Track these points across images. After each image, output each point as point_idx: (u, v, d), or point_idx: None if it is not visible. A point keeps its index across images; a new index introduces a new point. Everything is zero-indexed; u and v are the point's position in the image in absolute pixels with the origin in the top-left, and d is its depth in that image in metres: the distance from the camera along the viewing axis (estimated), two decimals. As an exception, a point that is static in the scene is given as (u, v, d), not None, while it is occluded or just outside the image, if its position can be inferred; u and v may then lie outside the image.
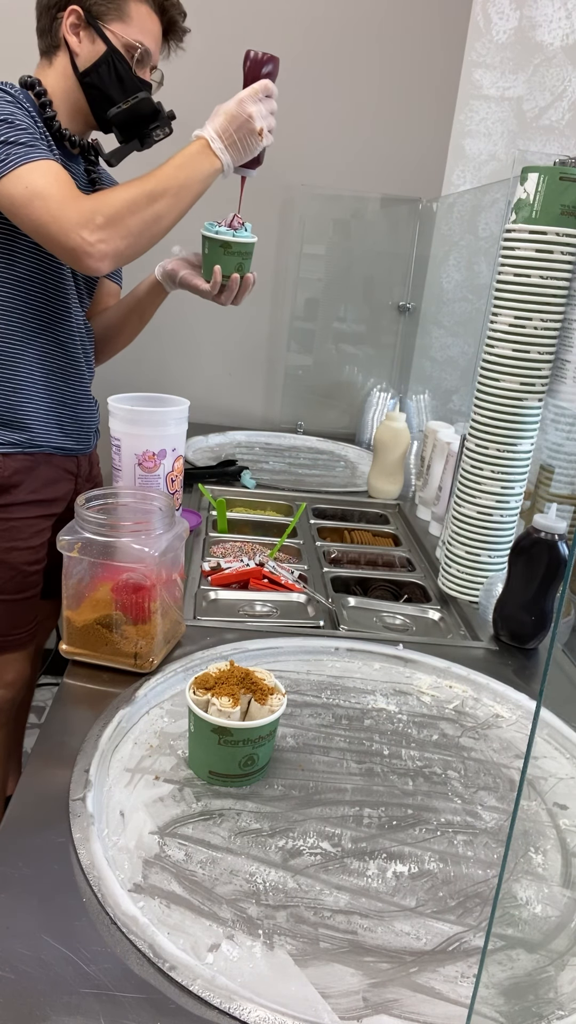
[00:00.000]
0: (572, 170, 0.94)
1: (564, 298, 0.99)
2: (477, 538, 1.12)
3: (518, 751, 0.84)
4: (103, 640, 0.87)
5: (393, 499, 1.64)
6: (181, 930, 0.57)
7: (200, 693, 0.72)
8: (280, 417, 2.22)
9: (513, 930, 0.61)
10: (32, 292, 1.19)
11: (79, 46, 1.17)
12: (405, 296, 2.14)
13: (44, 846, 0.62)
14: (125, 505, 0.94)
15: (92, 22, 1.16)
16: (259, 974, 0.54)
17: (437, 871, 0.66)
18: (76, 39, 1.17)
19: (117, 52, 1.17)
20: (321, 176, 2.02)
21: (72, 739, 0.75)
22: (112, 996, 0.51)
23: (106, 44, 1.16)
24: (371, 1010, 0.52)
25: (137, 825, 0.66)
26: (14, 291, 1.17)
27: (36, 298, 1.20)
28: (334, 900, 0.61)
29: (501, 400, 1.04)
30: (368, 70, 1.96)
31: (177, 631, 0.95)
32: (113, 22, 1.16)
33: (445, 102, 1.94)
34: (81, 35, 1.17)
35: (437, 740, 0.84)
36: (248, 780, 0.73)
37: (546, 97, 1.64)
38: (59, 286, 1.22)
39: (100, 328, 1.41)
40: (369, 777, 0.77)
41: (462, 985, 0.55)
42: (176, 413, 1.17)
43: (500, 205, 1.47)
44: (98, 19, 1.16)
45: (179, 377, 2.17)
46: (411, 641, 1.03)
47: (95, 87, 1.18)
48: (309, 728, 0.83)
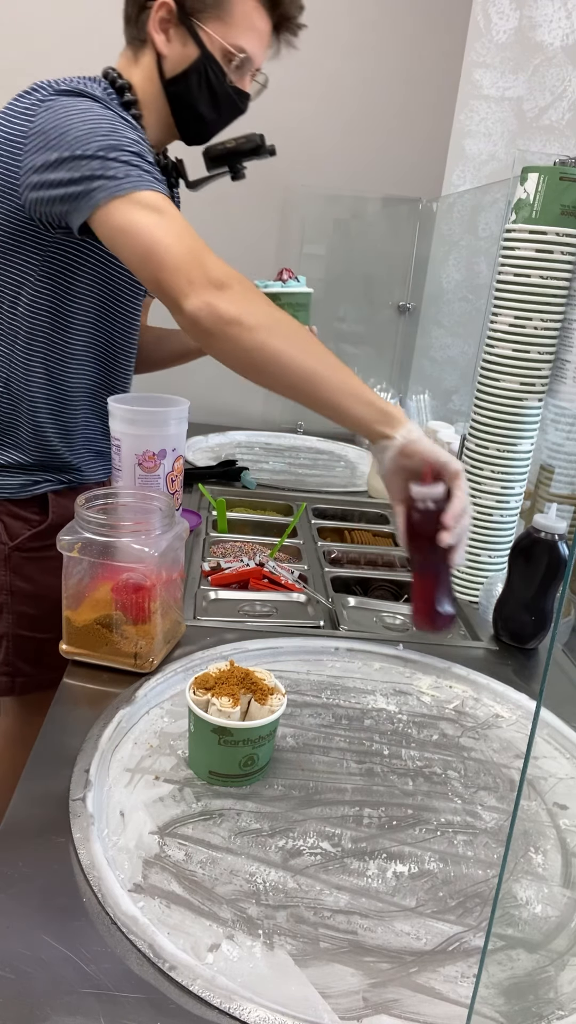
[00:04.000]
0: (572, 170, 0.94)
1: (564, 298, 0.99)
2: (477, 538, 1.12)
3: (518, 751, 0.84)
4: (103, 640, 0.87)
5: (393, 499, 1.64)
6: (181, 930, 0.57)
7: (200, 693, 0.72)
8: (280, 417, 2.22)
9: (513, 930, 0.61)
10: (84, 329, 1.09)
11: (167, 47, 0.99)
12: (405, 296, 2.14)
13: (44, 846, 0.62)
14: (125, 505, 0.94)
15: (185, 20, 0.97)
16: (259, 974, 0.54)
17: (437, 871, 0.66)
18: (164, 38, 0.99)
19: (212, 59, 0.99)
20: (321, 176, 2.02)
21: (72, 739, 0.75)
22: (112, 996, 0.51)
23: (199, 48, 0.98)
24: (371, 1010, 0.52)
25: (137, 825, 0.66)
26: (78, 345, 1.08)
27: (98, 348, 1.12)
28: (334, 900, 0.61)
29: (501, 400, 1.04)
30: (368, 70, 1.97)
31: (177, 631, 0.95)
32: (211, 21, 0.97)
33: (445, 102, 1.94)
34: (171, 33, 0.99)
35: (437, 740, 0.84)
36: (248, 780, 0.73)
37: (546, 97, 1.64)
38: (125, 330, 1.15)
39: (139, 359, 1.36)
40: (369, 777, 0.77)
41: (462, 985, 0.55)
42: (176, 413, 1.17)
43: (500, 205, 1.47)
44: (192, 16, 0.97)
45: (179, 377, 2.16)
46: (411, 641, 1.03)
47: (182, 99, 1.02)
48: (309, 728, 0.83)
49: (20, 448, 1.11)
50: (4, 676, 1.17)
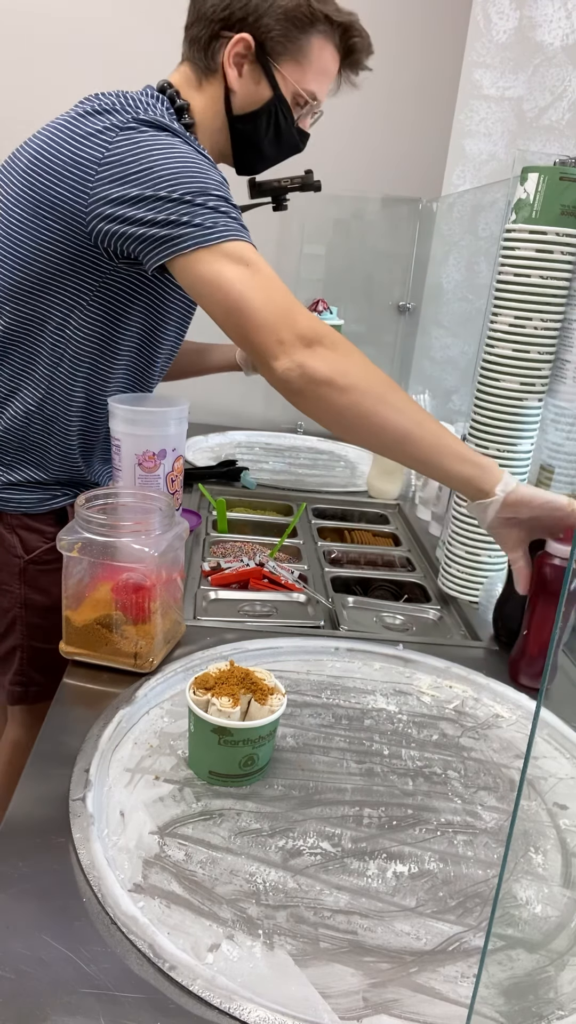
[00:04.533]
0: (572, 170, 0.94)
1: (564, 298, 0.99)
2: (477, 538, 1.12)
3: (518, 751, 0.84)
4: (103, 640, 0.87)
5: (393, 499, 1.64)
6: (181, 930, 0.57)
7: (200, 693, 0.72)
8: (280, 417, 2.22)
9: (513, 930, 0.61)
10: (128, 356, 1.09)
11: (239, 83, 0.97)
12: (405, 296, 2.14)
13: (44, 846, 0.62)
14: (125, 505, 0.94)
15: (263, 59, 0.95)
16: (259, 974, 0.54)
17: (437, 871, 0.66)
18: (237, 73, 0.97)
19: (283, 101, 0.98)
20: (321, 176, 2.02)
21: (72, 739, 0.75)
22: (112, 996, 0.51)
23: (273, 90, 0.97)
24: (371, 1010, 0.52)
25: (137, 825, 0.66)
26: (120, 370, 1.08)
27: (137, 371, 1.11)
28: (334, 900, 0.61)
29: (501, 400, 1.04)
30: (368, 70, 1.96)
31: (177, 631, 0.95)
32: (287, 64, 0.96)
33: (445, 102, 1.94)
34: (245, 70, 0.97)
35: (437, 740, 0.84)
36: (248, 780, 0.73)
37: (546, 97, 1.64)
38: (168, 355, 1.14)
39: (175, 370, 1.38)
40: (369, 777, 0.77)
41: (462, 985, 0.55)
42: (176, 413, 1.17)
43: (500, 205, 1.47)
44: (271, 57, 0.95)
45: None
46: (411, 641, 1.03)
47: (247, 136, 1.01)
48: (309, 728, 0.83)
49: (43, 467, 1.10)
50: (17, 687, 1.17)
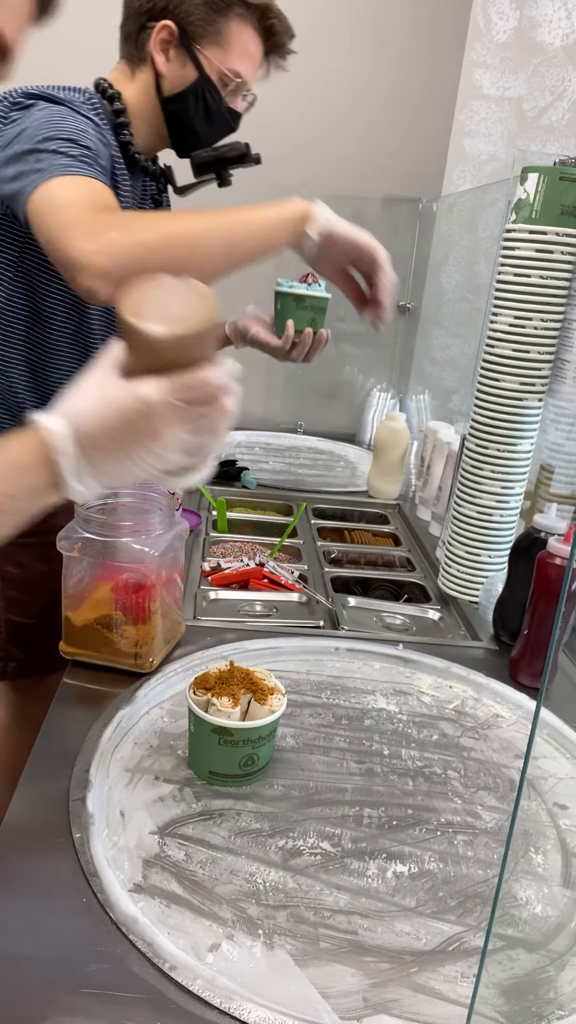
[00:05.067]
0: (572, 170, 0.94)
1: (564, 298, 0.99)
2: (477, 538, 1.12)
3: (518, 751, 0.84)
4: (103, 640, 0.87)
5: (393, 499, 1.64)
6: (181, 930, 0.57)
7: (200, 693, 0.72)
8: (280, 417, 2.22)
9: (513, 930, 0.61)
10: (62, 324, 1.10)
11: (166, 67, 1.04)
12: (405, 296, 2.14)
13: (44, 846, 0.62)
14: (125, 505, 0.94)
15: (186, 43, 1.02)
16: (259, 974, 0.54)
17: (437, 871, 0.66)
18: (164, 58, 1.04)
19: (210, 81, 1.04)
20: (321, 176, 2.02)
21: (72, 739, 0.75)
22: (112, 996, 0.51)
23: (198, 71, 1.03)
24: (371, 1010, 0.52)
25: (137, 825, 0.66)
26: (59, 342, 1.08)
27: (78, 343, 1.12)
28: (334, 900, 0.61)
29: (501, 400, 1.04)
30: (368, 70, 1.96)
31: (177, 631, 0.95)
32: (210, 46, 1.03)
33: (445, 102, 1.94)
34: (171, 55, 1.03)
35: (437, 740, 0.84)
36: (248, 780, 0.73)
37: (546, 97, 1.64)
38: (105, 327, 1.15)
39: None
40: (369, 777, 0.77)
41: (462, 985, 0.55)
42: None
43: (500, 205, 1.47)
44: (193, 41, 1.02)
45: (179, 377, 2.17)
46: (411, 641, 1.03)
47: (179, 116, 1.07)
48: (309, 728, 0.83)
49: None
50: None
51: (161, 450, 0.54)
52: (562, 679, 0.98)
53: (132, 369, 0.54)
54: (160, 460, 0.55)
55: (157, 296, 0.54)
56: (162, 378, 0.53)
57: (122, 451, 0.54)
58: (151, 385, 0.53)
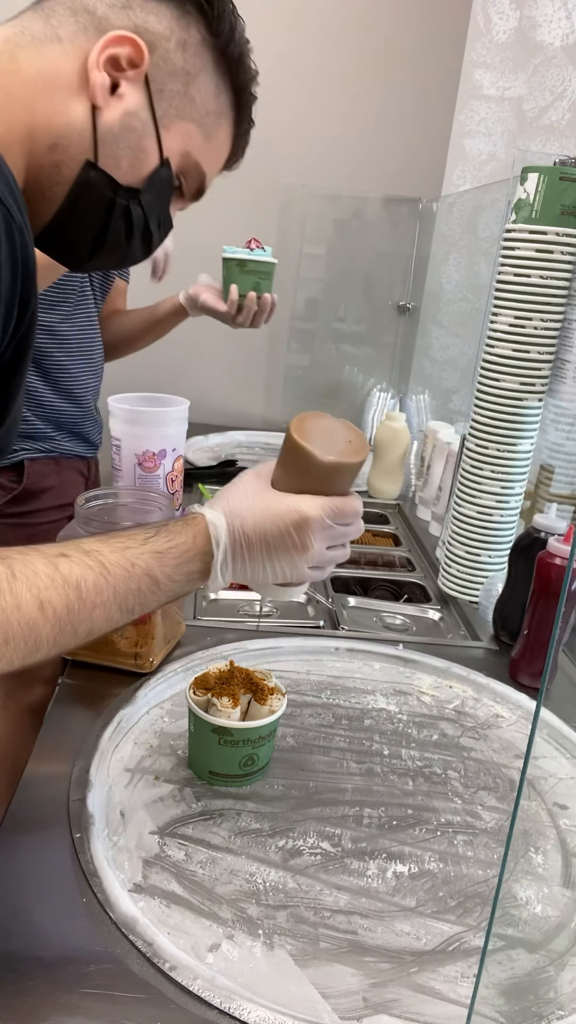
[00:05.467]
0: (572, 170, 0.94)
1: (564, 298, 0.99)
2: (477, 538, 1.12)
3: (518, 751, 0.84)
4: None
5: (393, 499, 1.64)
6: (181, 930, 0.57)
7: (200, 693, 0.72)
8: (280, 417, 2.22)
9: (513, 930, 0.61)
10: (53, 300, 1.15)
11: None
12: (405, 296, 2.14)
13: (44, 846, 0.62)
14: (125, 505, 0.94)
15: None
16: (259, 974, 0.54)
17: (437, 871, 0.66)
18: None
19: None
20: (321, 176, 2.02)
21: (72, 739, 0.75)
22: (112, 996, 0.51)
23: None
24: (371, 1010, 0.52)
25: (137, 825, 0.66)
26: None
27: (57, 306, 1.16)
28: (334, 900, 0.61)
29: (501, 400, 1.04)
30: (368, 70, 1.96)
31: (177, 631, 0.95)
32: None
33: (445, 102, 1.94)
34: None
35: (437, 740, 0.84)
36: (248, 780, 0.73)
37: (546, 97, 1.64)
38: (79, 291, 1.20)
39: (115, 335, 1.41)
40: (369, 777, 0.77)
41: (462, 985, 0.55)
42: (176, 413, 1.17)
43: (500, 205, 1.47)
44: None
45: (179, 377, 2.17)
46: (411, 641, 1.03)
47: None
48: (309, 728, 0.83)
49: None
50: None
51: (303, 561, 0.60)
52: (562, 679, 0.98)
53: (283, 485, 0.61)
54: (295, 570, 0.61)
55: (322, 427, 0.61)
56: (317, 497, 0.60)
57: (266, 555, 0.60)
58: (310, 502, 0.60)
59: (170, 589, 0.57)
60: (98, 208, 0.61)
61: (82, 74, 0.57)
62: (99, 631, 0.54)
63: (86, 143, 0.58)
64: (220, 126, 0.65)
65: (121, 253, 0.67)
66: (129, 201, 0.62)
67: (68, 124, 0.58)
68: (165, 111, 0.61)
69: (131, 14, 0.58)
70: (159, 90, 0.60)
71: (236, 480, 0.63)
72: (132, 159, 0.61)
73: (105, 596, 0.53)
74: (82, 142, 0.58)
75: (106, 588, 0.53)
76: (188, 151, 0.64)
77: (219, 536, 0.59)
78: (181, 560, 0.57)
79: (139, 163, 0.61)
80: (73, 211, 0.61)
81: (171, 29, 0.59)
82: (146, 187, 0.62)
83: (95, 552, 0.54)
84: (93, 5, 0.58)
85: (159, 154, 0.62)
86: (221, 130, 0.66)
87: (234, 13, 0.62)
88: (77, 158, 0.59)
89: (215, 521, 0.59)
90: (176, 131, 0.62)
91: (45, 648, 0.51)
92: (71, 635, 0.52)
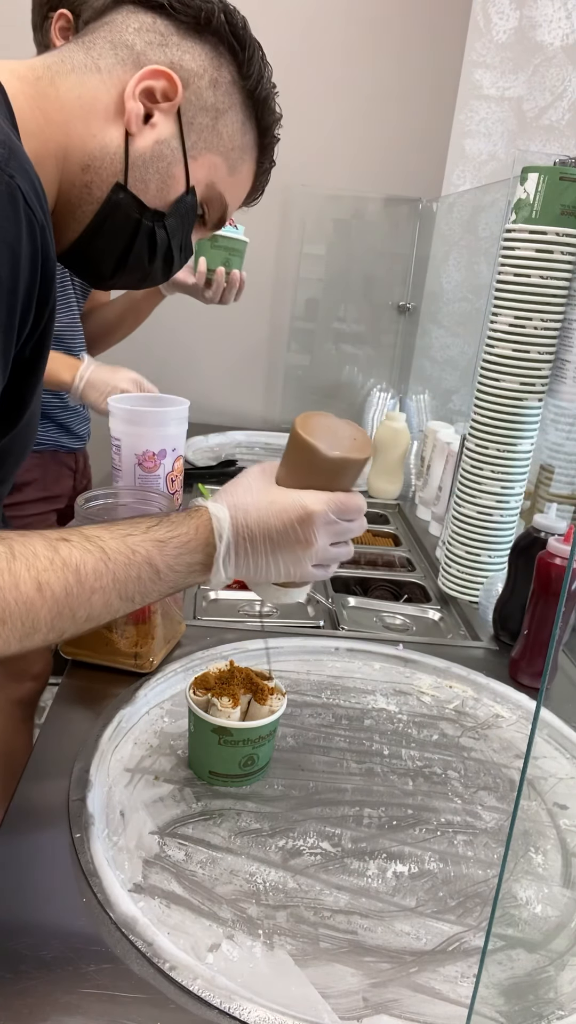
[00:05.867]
0: (572, 170, 0.94)
1: (564, 298, 0.99)
2: (477, 538, 1.12)
3: (518, 751, 0.84)
4: (103, 640, 0.87)
5: (393, 499, 1.64)
6: (181, 930, 0.57)
7: (200, 693, 0.72)
8: (280, 417, 2.22)
9: (513, 930, 0.61)
10: None
11: None
12: (405, 296, 2.14)
13: (44, 846, 0.62)
14: (125, 505, 0.94)
15: None
16: (259, 974, 0.54)
17: (437, 871, 0.66)
18: None
19: None
20: (321, 176, 2.02)
21: (72, 739, 0.75)
22: (112, 996, 0.51)
23: None
24: (371, 1010, 0.52)
25: (137, 825, 0.66)
26: None
27: None
28: (334, 900, 0.61)
29: (501, 400, 1.04)
30: (368, 70, 1.96)
31: (177, 631, 0.95)
32: None
33: (445, 102, 1.94)
34: None
35: (437, 740, 0.84)
36: (248, 780, 0.73)
37: (546, 97, 1.64)
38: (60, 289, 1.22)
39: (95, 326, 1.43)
40: (369, 777, 0.77)
41: (462, 985, 0.55)
42: (176, 413, 1.17)
43: (500, 205, 1.47)
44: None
45: (179, 377, 2.17)
46: (411, 641, 1.03)
47: None
48: (309, 728, 0.83)
49: None
50: None
51: (307, 557, 0.60)
52: (562, 679, 0.98)
53: (288, 482, 0.61)
54: (299, 567, 0.61)
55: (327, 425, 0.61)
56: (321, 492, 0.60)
57: (270, 551, 0.60)
58: (314, 496, 0.60)
59: (171, 580, 0.57)
60: (124, 228, 0.64)
61: (118, 103, 0.60)
62: (98, 618, 0.54)
63: (117, 166, 0.61)
64: (244, 162, 0.68)
65: (143, 273, 0.69)
66: (155, 223, 0.65)
67: (102, 147, 0.61)
68: (194, 143, 0.64)
69: (167, 51, 0.61)
70: (189, 123, 0.63)
71: (240, 476, 0.64)
72: (160, 184, 0.63)
73: (105, 582, 0.53)
74: (114, 165, 0.61)
75: (106, 574, 0.53)
76: (213, 182, 0.67)
77: (222, 529, 0.59)
78: (183, 550, 0.58)
79: (167, 188, 0.64)
80: (101, 230, 0.63)
81: (204, 68, 0.62)
82: (171, 212, 0.65)
83: (96, 538, 0.54)
84: (132, 40, 0.61)
85: (186, 182, 0.65)
86: (245, 166, 0.69)
87: (263, 59, 0.65)
88: (108, 180, 0.61)
89: (218, 514, 0.59)
90: (203, 162, 0.65)
91: (43, 631, 0.50)
92: (69, 619, 0.52)
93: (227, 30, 0.62)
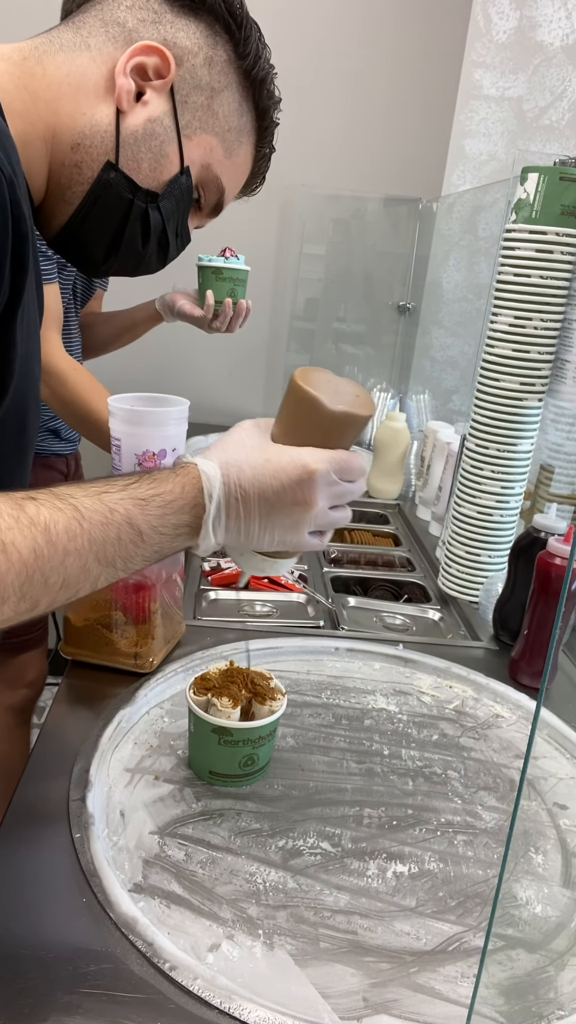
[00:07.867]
0: (572, 170, 0.94)
1: (564, 298, 0.99)
2: (477, 538, 1.12)
3: (518, 751, 0.84)
4: (103, 640, 0.87)
5: (393, 499, 1.64)
6: (181, 930, 0.57)
7: (200, 693, 0.72)
8: (280, 417, 2.22)
9: (513, 930, 0.61)
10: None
11: None
12: (405, 296, 2.14)
13: (44, 846, 0.62)
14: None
15: None
16: (259, 974, 0.54)
17: (437, 871, 0.66)
18: None
19: None
20: (321, 176, 2.02)
21: (72, 739, 0.75)
22: (112, 996, 0.51)
23: None
24: (371, 1010, 0.52)
25: (137, 825, 0.66)
26: None
27: None
28: (334, 900, 0.61)
29: (501, 400, 1.04)
30: (368, 70, 1.96)
31: (177, 631, 0.95)
32: None
33: (445, 102, 1.94)
34: None
35: (437, 740, 0.84)
36: (248, 780, 0.73)
37: (546, 97, 1.64)
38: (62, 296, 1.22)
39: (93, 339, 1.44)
40: (369, 777, 0.77)
41: (462, 985, 0.55)
42: (176, 413, 1.17)
43: (500, 205, 1.47)
44: None
45: (179, 377, 2.17)
46: (411, 641, 1.03)
47: None
48: (309, 728, 0.83)
49: None
50: None
51: (305, 521, 0.55)
52: (562, 679, 0.98)
53: (284, 439, 0.56)
54: (295, 532, 0.55)
55: (327, 379, 0.57)
56: (321, 450, 0.55)
57: (265, 513, 0.54)
58: (315, 454, 0.54)
59: (155, 542, 0.52)
60: (116, 209, 0.62)
61: (109, 79, 0.58)
62: (75, 585, 0.48)
63: (108, 144, 0.59)
64: (241, 144, 0.66)
65: (137, 259, 0.66)
66: (147, 204, 0.62)
67: (91, 125, 0.59)
68: (188, 122, 0.62)
69: (161, 28, 0.59)
70: (183, 101, 0.61)
71: (232, 430, 0.58)
72: (153, 163, 0.61)
73: (80, 543, 0.47)
74: (104, 143, 0.59)
75: (80, 534, 0.47)
76: (209, 163, 0.65)
77: (212, 488, 0.53)
78: (167, 510, 0.52)
79: (160, 168, 0.62)
80: (92, 211, 0.61)
81: (199, 46, 0.61)
82: (165, 192, 0.63)
83: (68, 496, 0.48)
84: (124, 18, 0.59)
85: (180, 161, 0.62)
86: (242, 149, 0.67)
87: (260, 40, 0.63)
88: (98, 158, 0.59)
89: (208, 471, 0.53)
90: (198, 142, 0.63)
91: (12, 599, 0.45)
92: (41, 585, 0.46)
93: (223, 8, 0.60)
